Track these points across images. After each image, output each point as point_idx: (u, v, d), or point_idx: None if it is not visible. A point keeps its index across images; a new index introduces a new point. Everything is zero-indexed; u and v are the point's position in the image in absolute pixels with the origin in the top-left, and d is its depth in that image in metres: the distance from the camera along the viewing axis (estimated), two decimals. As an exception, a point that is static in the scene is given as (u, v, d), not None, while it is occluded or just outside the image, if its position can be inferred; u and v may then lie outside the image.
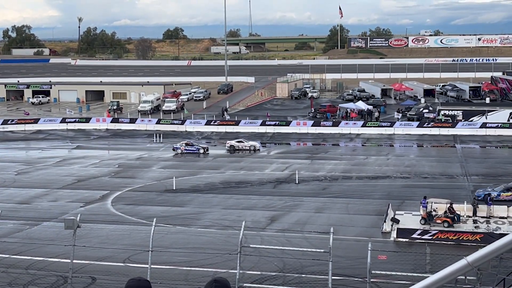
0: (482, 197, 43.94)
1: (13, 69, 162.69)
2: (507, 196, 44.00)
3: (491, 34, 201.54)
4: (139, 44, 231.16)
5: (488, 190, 44.80)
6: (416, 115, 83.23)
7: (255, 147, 68.21)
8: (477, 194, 44.67)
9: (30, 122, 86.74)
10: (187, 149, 66.18)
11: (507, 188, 44.80)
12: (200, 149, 66.49)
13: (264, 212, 41.89)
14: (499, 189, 44.79)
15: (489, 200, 40.66)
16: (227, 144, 68.72)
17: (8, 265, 29.69)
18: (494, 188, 45.09)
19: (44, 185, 50.88)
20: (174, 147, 67.28)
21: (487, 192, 44.18)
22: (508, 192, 44.31)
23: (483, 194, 44.23)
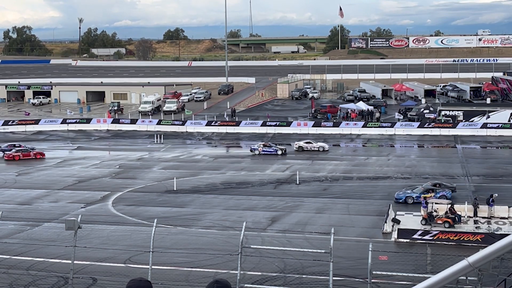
0: (403, 199, 43.22)
1: (13, 70, 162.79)
2: (427, 198, 42.80)
3: (491, 34, 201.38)
4: (140, 45, 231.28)
5: (408, 192, 44.12)
6: (417, 116, 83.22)
7: (323, 148, 67.29)
8: (396, 197, 43.85)
9: (31, 123, 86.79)
10: (265, 150, 65.12)
11: (426, 190, 43.99)
12: (278, 150, 65.38)
13: (265, 213, 41.89)
14: (418, 190, 43.99)
15: (491, 200, 40.60)
16: (296, 144, 67.62)
17: (9, 266, 29.69)
18: (413, 190, 44.37)
19: (45, 186, 50.90)
20: (252, 148, 66.15)
21: (408, 195, 43.56)
22: (427, 193, 43.40)
23: (404, 196, 43.54)
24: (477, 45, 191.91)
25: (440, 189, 44.80)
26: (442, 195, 43.70)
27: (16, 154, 64.06)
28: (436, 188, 44.85)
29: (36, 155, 64.91)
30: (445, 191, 44.50)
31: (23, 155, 64.10)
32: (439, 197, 43.52)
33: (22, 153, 64.40)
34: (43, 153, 65.70)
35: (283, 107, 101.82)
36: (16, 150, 65.16)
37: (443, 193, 44.10)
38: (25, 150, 65.06)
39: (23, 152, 64.60)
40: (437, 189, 44.61)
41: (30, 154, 64.59)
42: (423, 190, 44.18)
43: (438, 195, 43.58)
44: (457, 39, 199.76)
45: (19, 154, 64.04)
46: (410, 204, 43.02)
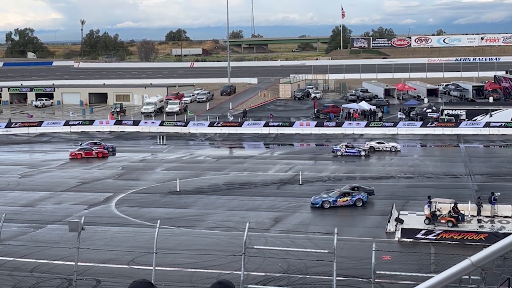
0: (319, 204, 42.11)
1: (16, 72, 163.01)
2: (344, 201, 42.43)
3: (494, 33, 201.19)
4: (142, 46, 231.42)
5: (324, 196, 42.98)
6: (420, 115, 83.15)
7: (396, 148, 66.33)
8: (312, 201, 42.78)
9: (33, 125, 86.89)
10: (347, 151, 63.46)
11: (343, 193, 43.06)
12: (361, 151, 63.64)
13: (268, 213, 41.88)
14: (335, 194, 42.94)
15: (494, 199, 40.55)
16: (367, 144, 66.21)
17: (12, 268, 29.72)
18: (329, 194, 43.29)
19: (48, 188, 50.94)
20: (334, 149, 64.46)
21: (324, 199, 42.44)
22: (344, 197, 42.64)
23: (320, 201, 42.42)
24: (479, 44, 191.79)
25: (357, 192, 43.70)
26: (358, 199, 42.74)
27: (78, 152, 65.32)
28: (353, 191, 43.70)
29: (98, 154, 65.65)
30: (361, 194, 43.37)
31: (85, 153, 65.22)
32: (355, 200, 42.50)
33: (85, 151, 65.52)
34: (105, 152, 66.21)
35: (286, 107, 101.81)
36: (79, 148, 66.64)
37: (360, 196, 42.99)
38: (87, 149, 66.16)
39: (85, 150, 65.69)
40: (354, 193, 43.42)
41: (92, 153, 65.57)
42: (340, 194, 43.04)
43: (354, 199, 42.60)
44: (459, 38, 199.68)
45: (81, 153, 65.22)
46: (326, 209, 41.98)
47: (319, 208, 42.25)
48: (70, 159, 64.90)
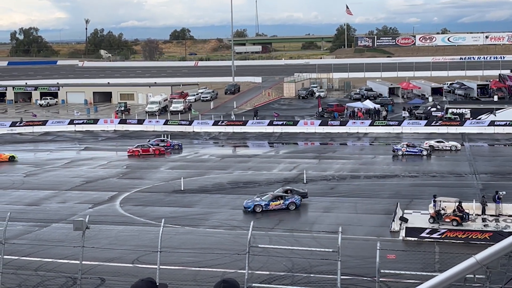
0: (251, 208, 41.06)
1: (21, 71, 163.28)
2: (276, 205, 41.51)
3: (498, 31, 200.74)
4: (146, 45, 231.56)
5: (257, 200, 42.12)
6: (424, 114, 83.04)
7: (456, 147, 65.42)
8: (245, 205, 41.72)
9: (38, 124, 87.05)
10: (408, 151, 62.49)
11: (276, 197, 42.09)
12: (423, 151, 62.35)
13: (272, 212, 41.85)
14: (267, 198, 41.97)
15: (498, 198, 40.46)
16: (426, 144, 65.17)
17: (17, 266, 29.77)
18: (262, 198, 42.26)
19: (53, 187, 51.04)
20: (394, 149, 63.31)
21: (256, 203, 41.49)
22: (276, 201, 41.81)
23: (252, 205, 41.43)
24: (484, 43, 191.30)
25: (290, 195, 42.74)
26: (291, 202, 41.96)
27: (136, 149, 65.72)
28: (286, 194, 42.72)
29: (155, 151, 65.79)
30: (294, 197, 42.54)
31: (142, 150, 65.49)
32: (288, 204, 41.73)
33: (142, 148, 65.82)
34: (163, 150, 66.31)
35: (290, 106, 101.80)
36: (137, 145, 67.15)
37: (293, 199, 42.20)
38: (145, 146, 66.53)
39: (143, 147, 66.02)
40: (287, 196, 42.48)
41: (149, 150, 65.80)
42: (272, 197, 42.11)
43: (287, 202, 41.84)
44: (464, 36, 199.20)
45: (139, 150, 65.57)
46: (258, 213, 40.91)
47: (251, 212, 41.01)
48: (128, 156, 65.25)
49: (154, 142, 69.35)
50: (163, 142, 69.37)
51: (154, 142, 69.35)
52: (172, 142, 69.65)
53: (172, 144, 69.12)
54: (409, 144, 64.04)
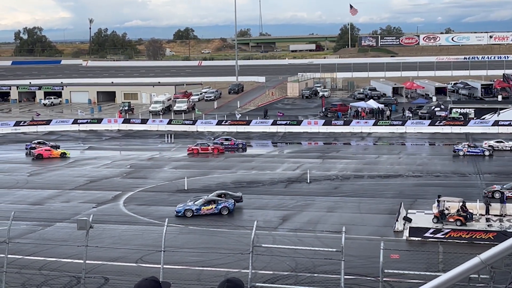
0: (182, 213, 40.34)
1: (24, 71, 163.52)
2: (208, 209, 40.84)
3: (503, 31, 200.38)
4: (150, 45, 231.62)
5: (189, 204, 41.33)
6: (428, 114, 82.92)
7: None
8: (176, 210, 40.93)
9: (42, 124, 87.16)
10: (470, 151, 61.58)
11: (208, 201, 41.57)
12: (485, 151, 61.62)
13: (275, 212, 41.88)
14: (200, 202, 41.37)
15: (505, 198, 40.32)
16: (485, 143, 64.57)
17: (21, 266, 29.81)
18: (195, 202, 41.62)
19: (57, 186, 51.10)
20: (456, 149, 62.44)
21: (187, 207, 40.84)
22: (208, 205, 41.11)
23: (183, 209, 40.76)
24: (488, 42, 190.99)
25: (223, 199, 42.05)
26: (223, 207, 41.02)
27: (195, 148, 65.92)
28: (220, 199, 42.07)
29: (213, 150, 65.84)
30: (228, 202, 41.74)
31: (201, 149, 65.62)
32: (221, 208, 40.80)
33: (201, 147, 65.95)
34: (222, 149, 66.29)
35: (294, 106, 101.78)
36: (196, 144, 67.46)
37: (225, 204, 41.30)
38: (204, 144, 66.89)
39: (202, 146, 66.21)
40: (220, 200, 41.77)
41: (208, 148, 65.88)
42: (205, 201, 41.45)
43: (219, 207, 40.92)
44: (468, 36, 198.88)
45: (198, 148, 65.72)
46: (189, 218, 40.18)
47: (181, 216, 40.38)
48: (188, 154, 65.45)
49: (218, 140, 69.66)
50: (227, 140, 69.55)
51: (218, 140, 69.66)
52: (236, 141, 69.86)
53: (236, 143, 69.28)
54: (470, 144, 63.61)
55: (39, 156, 64.43)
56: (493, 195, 43.19)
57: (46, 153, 64.85)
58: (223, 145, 67.70)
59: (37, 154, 64.67)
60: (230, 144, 68.77)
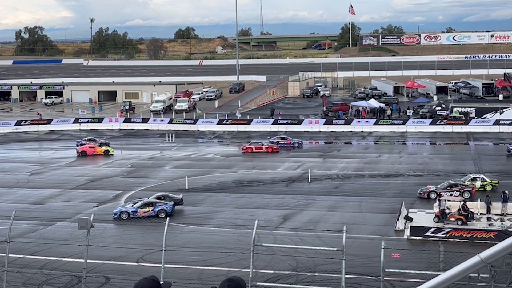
0: (118, 215, 39.92)
1: (25, 70, 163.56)
2: (145, 212, 40.37)
3: (504, 30, 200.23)
4: (151, 44, 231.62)
5: (127, 207, 41.14)
6: (429, 113, 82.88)
7: None
8: (114, 212, 40.60)
9: (43, 123, 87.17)
10: None
11: (145, 204, 41.06)
12: None
13: (276, 211, 41.89)
14: (138, 205, 40.98)
15: (507, 197, 40.31)
16: None
17: (22, 265, 29.85)
18: (133, 204, 41.33)
19: (58, 186, 51.13)
20: (509, 148, 61.82)
21: (123, 209, 40.60)
22: (145, 208, 40.59)
23: (119, 211, 40.31)
24: (489, 42, 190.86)
25: (161, 202, 41.58)
26: (161, 209, 40.42)
27: (249, 146, 66.03)
28: (158, 201, 41.65)
29: (267, 149, 65.63)
30: (166, 204, 41.15)
31: (256, 148, 65.62)
32: (158, 211, 40.15)
33: (255, 146, 65.97)
34: (276, 148, 65.98)
35: (294, 105, 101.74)
36: (251, 142, 67.63)
37: (163, 207, 40.78)
38: (259, 144, 66.62)
39: (256, 145, 66.19)
40: (158, 203, 41.29)
41: (262, 147, 65.68)
42: (142, 204, 41.02)
43: (157, 209, 40.37)
44: (469, 35, 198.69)
45: (252, 147, 65.71)
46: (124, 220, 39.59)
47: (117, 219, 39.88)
48: (242, 152, 65.61)
49: (274, 139, 69.55)
50: (283, 139, 69.50)
51: (274, 139, 69.55)
52: (292, 140, 69.84)
53: (292, 142, 69.24)
54: None
55: (83, 153, 65.59)
56: (429, 195, 43.43)
57: (90, 150, 65.88)
58: (278, 144, 67.64)
59: (81, 151, 65.93)
60: (286, 143, 68.67)
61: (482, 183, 46.46)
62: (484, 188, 46.01)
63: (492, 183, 46.87)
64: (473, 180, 46.64)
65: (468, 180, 46.57)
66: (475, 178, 47.09)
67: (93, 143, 68.03)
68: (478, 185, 45.99)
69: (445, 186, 44.65)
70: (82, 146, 67.00)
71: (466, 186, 45.07)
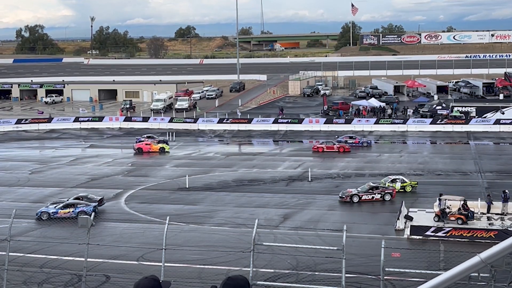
0: (38, 215, 39.64)
1: (26, 68, 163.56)
2: (65, 213, 39.98)
3: (504, 29, 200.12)
4: (151, 43, 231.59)
5: (50, 207, 40.76)
6: (429, 112, 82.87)
7: None
8: (37, 212, 40.21)
9: (43, 122, 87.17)
10: None
11: (66, 205, 40.68)
12: None
13: (277, 210, 41.90)
14: (59, 206, 40.62)
15: (507, 196, 40.29)
16: None
17: (22, 263, 29.86)
18: (56, 206, 40.90)
19: (58, 184, 51.13)
20: None
21: (43, 210, 40.16)
22: (66, 209, 40.22)
23: (40, 212, 40.12)
24: (489, 41, 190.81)
25: (83, 203, 41.26)
26: (81, 211, 39.63)
27: (320, 146, 65.32)
28: (80, 202, 41.35)
29: (339, 148, 64.84)
30: (89, 206, 40.71)
31: (327, 147, 64.85)
32: (78, 212, 39.02)
33: (326, 145, 65.17)
34: (348, 148, 65.03)
35: (295, 104, 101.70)
36: (322, 142, 66.94)
37: (84, 208, 40.30)
38: (330, 143, 65.88)
39: (327, 144, 65.40)
40: (80, 204, 41.00)
41: (334, 147, 64.89)
42: (64, 205, 40.79)
43: (77, 210, 39.71)
44: (470, 35, 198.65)
45: (323, 147, 64.99)
46: (44, 220, 39.25)
47: (38, 219, 39.72)
48: (313, 151, 64.73)
49: (342, 138, 68.66)
50: (351, 139, 68.60)
51: (342, 138, 68.66)
52: (361, 139, 69.21)
53: (360, 141, 68.54)
54: None
55: (139, 150, 66.02)
56: (352, 199, 42.94)
57: (146, 147, 66.35)
58: (347, 143, 66.67)
59: (137, 148, 66.48)
60: (354, 142, 67.67)
61: (402, 184, 46.03)
62: (404, 190, 45.66)
63: (412, 184, 46.53)
64: (393, 181, 46.22)
65: (388, 181, 46.17)
66: (395, 179, 46.62)
67: (150, 140, 68.45)
68: (398, 186, 45.63)
69: (366, 189, 44.00)
70: (139, 143, 67.65)
71: (386, 188, 44.52)
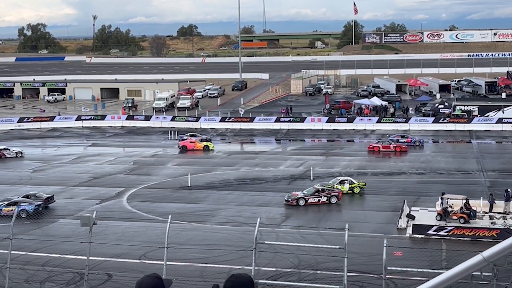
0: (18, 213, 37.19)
1: (28, 67, 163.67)
2: (8, 211, 38.56)
3: (507, 28, 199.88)
4: (154, 42, 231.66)
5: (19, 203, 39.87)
6: (432, 111, 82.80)
7: None
8: None
9: (45, 120, 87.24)
10: None
11: (12, 203, 39.82)
12: None
13: (279, 209, 41.90)
14: (4, 205, 39.94)
15: (510, 195, 40.23)
16: None
17: (24, 262, 29.89)
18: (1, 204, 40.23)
19: (60, 183, 51.14)
20: None
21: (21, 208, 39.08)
22: (9, 207, 39.21)
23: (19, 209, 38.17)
24: (492, 40, 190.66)
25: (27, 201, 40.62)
26: (22, 209, 38.73)
27: (376, 145, 64.62)
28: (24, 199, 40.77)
29: (395, 148, 64.07)
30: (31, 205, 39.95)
31: (383, 147, 64.22)
32: (20, 210, 37.94)
33: (382, 145, 64.54)
34: (404, 147, 64.10)
35: (297, 103, 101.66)
36: (377, 141, 66.53)
37: (25, 206, 39.50)
38: (386, 142, 65.32)
39: (383, 144, 64.71)
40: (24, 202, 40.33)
41: (390, 146, 64.19)
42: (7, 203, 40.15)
43: (19, 209, 37.54)
44: (472, 33, 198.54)
45: (379, 146, 64.33)
46: None
47: None
48: (368, 151, 63.89)
49: (394, 137, 67.86)
50: (403, 138, 67.74)
51: (394, 137, 67.86)
52: (413, 139, 68.36)
53: (413, 141, 67.67)
54: None
55: (184, 148, 66.44)
56: (298, 202, 42.38)
57: (190, 145, 66.79)
58: (398, 142, 65.53)
59: (182, 146, 66.93)
60: (406, 142, 66.65)
61: (350, 186, 45.65)
62: (352, 191, 45.39)
63: (360, 185, 46.22)
64: (342, 182, 45.93)
65: (336, 183, 45.85)
66: (343, 180, 46.33)
67: (194, 139, 68.82)
68: (346, 187, 45.35)
69: (312, 192, 43.59)
70: (183, 141, 68.06)
71: (332, 190, 43.94)
